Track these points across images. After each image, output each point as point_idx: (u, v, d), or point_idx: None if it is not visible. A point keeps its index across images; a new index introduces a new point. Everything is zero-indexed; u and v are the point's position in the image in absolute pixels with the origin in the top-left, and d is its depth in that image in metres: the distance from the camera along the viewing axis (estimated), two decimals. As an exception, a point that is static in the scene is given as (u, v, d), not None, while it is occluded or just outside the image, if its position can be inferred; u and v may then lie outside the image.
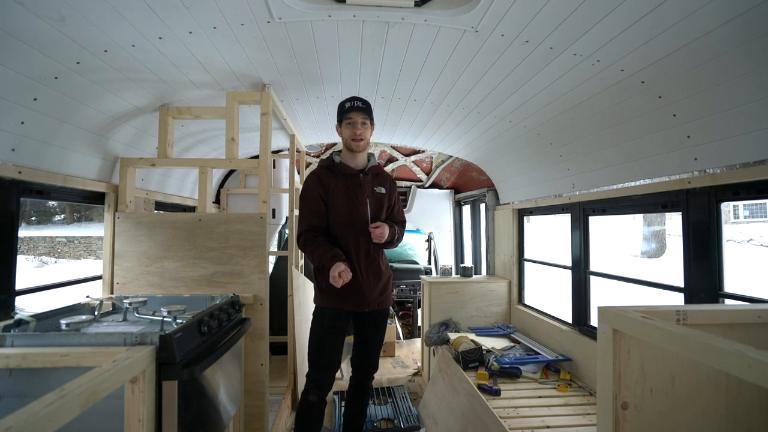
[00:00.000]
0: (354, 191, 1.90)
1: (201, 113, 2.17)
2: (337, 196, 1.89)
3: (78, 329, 1.39)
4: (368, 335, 2.00)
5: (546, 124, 2.26)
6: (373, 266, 1.91)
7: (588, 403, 2.06)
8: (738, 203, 14.45)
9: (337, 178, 1.91)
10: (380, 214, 1.95)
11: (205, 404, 1.51)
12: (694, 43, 1.28)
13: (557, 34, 1.41)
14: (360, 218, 1.88)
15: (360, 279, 1.86)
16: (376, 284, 1.91)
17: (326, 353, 1.88)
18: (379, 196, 1.95)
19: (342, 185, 1.89)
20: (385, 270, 1.98)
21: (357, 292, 1.86)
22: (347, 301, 1.86)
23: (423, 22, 1.43)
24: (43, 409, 0.74)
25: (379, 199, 1.95)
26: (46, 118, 1.56)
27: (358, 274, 1.85)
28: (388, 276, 1.99)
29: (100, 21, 1.32)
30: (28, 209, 15.39)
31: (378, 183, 1.97)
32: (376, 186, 1.96)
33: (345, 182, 1.90)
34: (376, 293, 1.91)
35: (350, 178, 1.91)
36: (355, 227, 1.88)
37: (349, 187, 1.90)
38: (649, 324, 0.81)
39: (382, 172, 2.03)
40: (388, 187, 2.00)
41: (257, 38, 1.55)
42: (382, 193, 1.97)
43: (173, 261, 2.00)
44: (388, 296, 1.99)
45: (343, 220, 1.88)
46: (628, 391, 0.90)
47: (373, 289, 1.90)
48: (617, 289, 3.02)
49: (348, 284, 1.77)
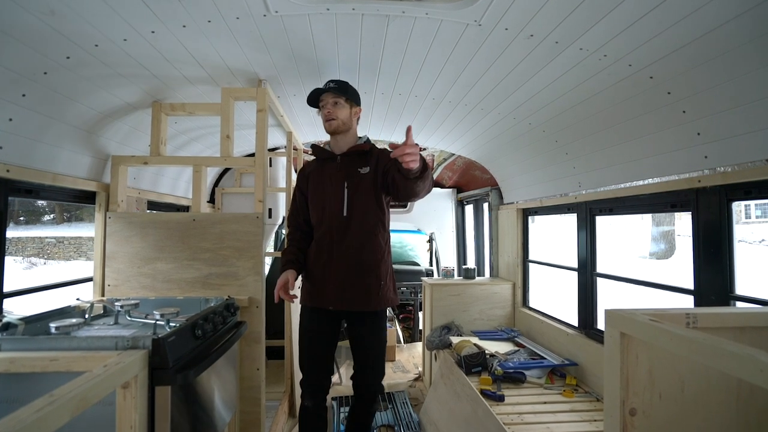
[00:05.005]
0: (329, 175, 1.83)
1: (195, 110, 2.17)
2: (313, 183, 1.88)
3: (68, 333, 1.39)
4: (355, 342, 1.87)
5: (551, 121, 2.26)
6: (348, 258, 1.75)
7: (595, 409, 2.06)
8: (749, 203, 14.46)
9: (318, 165, 1.90)
10: (365, 198, 1.78)
11: (199, 410, 1.51)
12: (704, 37, 1.28)
13: (563, 28, 1.41)
14: (332, 204, 1.79)
15: (326, 272, 1.78)
16: (350, 280, 1.75)
17: (305, 356, 1.86)
18: (361, 175, 1.80)
19: (319, 171, 1.88)
20: (372, 265, 1.77)
21: (324, 288, 1.78)
22: (317, 298, 1.81)
23: (424, 15, 1.43)
24: (31, 415, 0.74)
25: (362, 181, 1.79)
26: (35, 115, 1.56)
27: (326, 267, 1.78)
28: (377, 272, 1.78)
29: (90, 15, 1.32)
30: (16, 209, 15.39)
31: (362, 163, 1.82)
32: (360, 167, 1.81)
33: (323, 167, 1.88)
34: (351, 291, 1.75)
35: (327, 162, 1.87)
36: (326, 214, 1.80)
37: (325, 171, 1.86)
38: (657, 327, 0.81)
39: (368, 149, 1.86)
40: (375, 161, 1.82)
41: (253, 32, 1.54)
42: (366, 172, 1.80)
43: (166, 262, 2.00)
44: (375, 297, 1.77)
45: (316, 207, 1.85)
46: (636, 396, 0.90)
47: (344, 285, 1.75)
48: (625, 291, 3.02)
49: (318, 277, 1.76)
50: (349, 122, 1.85)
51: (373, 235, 1.80)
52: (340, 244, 1.77)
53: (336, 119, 1.81)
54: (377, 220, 1.81)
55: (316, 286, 1.81)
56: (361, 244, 1.78)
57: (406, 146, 1.38)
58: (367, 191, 1.79)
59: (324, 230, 1.81)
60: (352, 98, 1.85)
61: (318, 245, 1.83)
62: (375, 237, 1.80)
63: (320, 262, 1.81)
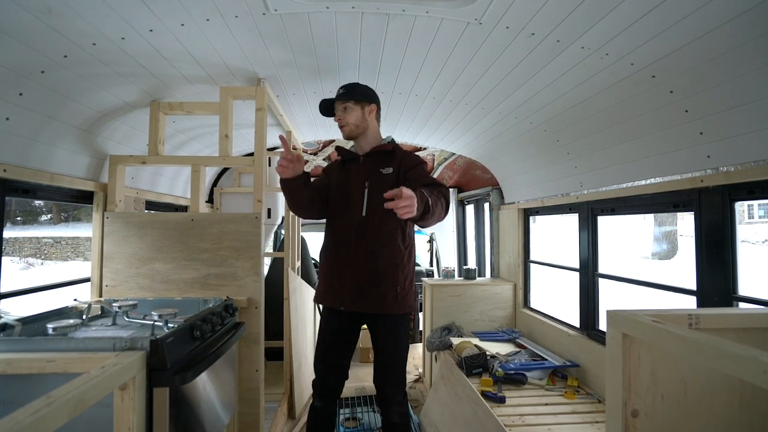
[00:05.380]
0: (351, 176, 1.85)
1: (193, 109, 2.17)
2: (336, 181, 1.88)
3: (65, 334, 1.39)
4: (373, 345, 1.85)
5: (553, 121, 2.26)
6: (365, 260, 1.74)
7: (596, 410, 2.06)
8: (753, 203, 14.45)
9: (342, 165, 1.92)
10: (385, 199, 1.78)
11: (198, 412, 1.51)
12: (706, 36, 1.28)
13: (564, 26, 1.41)
14: (352, 204, 1.79)
15: (342, 272, 1.77)
16: (365, 282, 1.74)
17: (318, 357, 1.87)
18: (383, 176, 1.79)
19: (343, 171, 1.89)
20: (389, 268, 1.75)
21: (339, 288, 1.78)
22: (331, 298, 1.81)
23: (425, 13, 1.43)
24: (28, 417, 0.74)
25: (383, 180, 1.78)
26: (32, 114, 1.56)
27: (342, 267, 1.77)
28: (394, 276, 1.76)
29: (88, 13, 1.32)
30: (13, 208, 15.39)
31: (385, 163, 1.81)
32: (383, 167, 1.81)
33: (345, 168, 1.90)
34: (365, 293, 1.74)
35: (350, 163, 1.90)
36: (346, 213, 1.80)
37: (349, 171, 1.87)
38: (660, 328, 0.81)
39: (391, 150, 1.85)
40: (398, 164, 1.80)
41: (252, 30, 1.54)
42: (389, 173, 1.79)
43: (164, 263, 2.00)
44: (391, 301, 1.75)
45: (336, 205, 1.85)
46: (639, 398, 0.90)
47: (359, 287, 1.74)
48: (627, 292, 3.02)
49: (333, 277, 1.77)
50: (364, 123, 1.85)
51: (392, 237, 1.77)
52: (358, 244, 1.76)
53: (347, 124, 1.82)
54: (397, 224, 1.78)
55: (332, 285, 1.81)
56: (379, 246, 1.75)
57: (400, 200, 1.35)
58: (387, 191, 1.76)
59: (341, 229, 1.81)
60: (362, 97, 1.83)
61: (335, 244, 1.83)
62: (394, 240, 1.77)
63: (336, 261, 1.80)
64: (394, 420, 1.80)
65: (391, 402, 1.81)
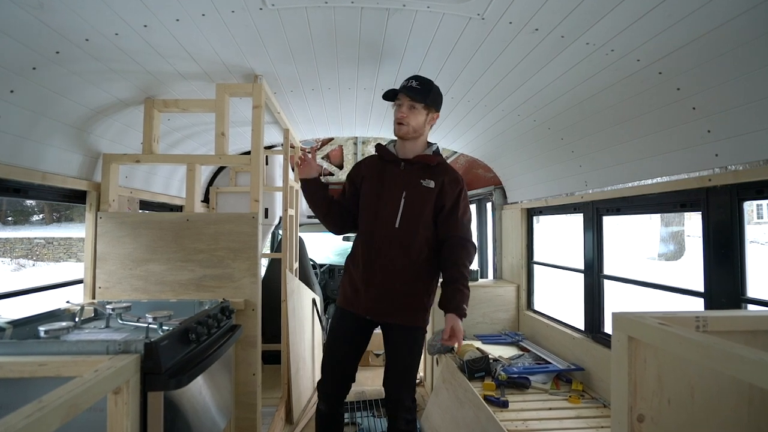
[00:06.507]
0: (388, 180, 1.78)
1: (189, 106, 2.16)
2: (369, 183, 1.82)
3: (57, 337, 1.39)
4: (386, 348, 1.86)
5: (557, 118, 2.26)
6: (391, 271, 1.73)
7: (602, 415, 2.06)
8: (762, 202, 14.46)
9: (379, 165, 1.84)
10: (420, 212, 1.73)
11: (193, 416, 1.51)
12: (714, 32, 1.27)
13: (569, 21, 1.41)
14: (386, 212, 1.74)
15: (366, 279, 1.76)
16: (388, 293, 1.74)
17: (325, 358, 1.89)
18: (423, 190, 1.74)
19: (379, 173, 1.82)
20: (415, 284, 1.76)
21: (361, 294, 1.77)
22: (353, 302, 1.81)
23: (425, 8, 1.43)
24: (20, 421, 0.74)
25: (421, 194, 1.73)
26: (23, 112, 1.56)
27: (367, 274, 1.75)
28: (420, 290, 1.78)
29: (81, 8, 1.32)
30: (3, 208, 15.40)
31: (427, 176, 1.76)
32: (423, 179, 1.75)
33: (383, 170, 1.82)
34: (387, 303, 1.75)
35: (389, 165, 1.81)
36: (378, 221, 1.76)
37: (385, 175, 1.80)
38: (666, 331, 0.81)
39: (437, 164, 1.79)
40: (440, 183, 1.75)
41: (249, 26, 1.54)
42: (429, 187, 1.74)
43: (159, 264, 2.00)
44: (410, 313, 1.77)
45: (368, 210, 1.80)
46: (645, 402, 0.90)
47: (381, 296, 1.74)
48: (633, 293, 3.02)
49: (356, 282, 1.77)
50: (422, 130, 1.78)
51: (421, 252, 1.76)
52: (386, 254, 1.73)
53: (407, 125, 1.74)
54: (428, 238, 1.77)
55: (354, 291, 1.80)
56: (409, 260, 1.74)
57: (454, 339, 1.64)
58: (423, 206, 1.74)
59: (371, 237, 1.77)
60: (432, 104, 1.76)
61: (362, 250, 1.79)
62: (423, 255, 1.76)
63: (361, 267, 1.78)
64: (400, 427, 1.80)
65: (401, 406, 1.81)
